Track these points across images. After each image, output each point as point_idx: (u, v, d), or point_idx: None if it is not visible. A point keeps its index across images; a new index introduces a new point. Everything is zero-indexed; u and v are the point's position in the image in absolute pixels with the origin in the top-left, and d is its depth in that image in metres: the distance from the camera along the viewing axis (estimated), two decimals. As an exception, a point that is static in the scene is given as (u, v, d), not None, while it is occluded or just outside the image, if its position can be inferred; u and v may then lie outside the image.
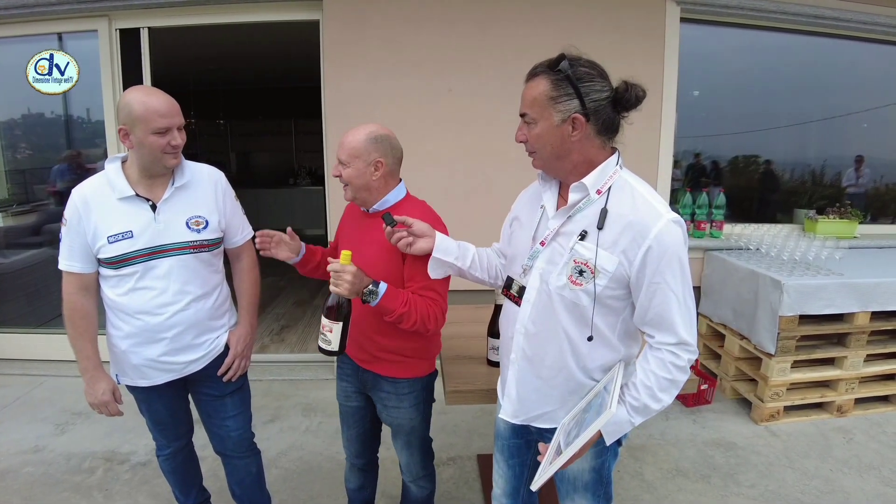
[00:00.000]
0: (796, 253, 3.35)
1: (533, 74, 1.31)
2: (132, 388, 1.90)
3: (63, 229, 1.75)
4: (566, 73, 1.25)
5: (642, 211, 1.26)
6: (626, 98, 1.28)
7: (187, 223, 1.78)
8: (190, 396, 2.04)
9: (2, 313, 4.21)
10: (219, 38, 4.99)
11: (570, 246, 1.33)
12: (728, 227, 4.00)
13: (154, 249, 1.72)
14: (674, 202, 3.95)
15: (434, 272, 1.63)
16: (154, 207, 1.73)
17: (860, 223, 4.07)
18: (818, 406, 3.35)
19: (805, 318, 3.12)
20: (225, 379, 1.94)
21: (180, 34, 3.78)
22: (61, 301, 1.78)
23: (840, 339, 3.31)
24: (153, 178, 1.75)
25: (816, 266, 3.29)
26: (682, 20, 3.63)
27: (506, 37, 3.51)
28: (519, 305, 1.45)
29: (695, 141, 4.16)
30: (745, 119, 4.31)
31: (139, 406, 1.98)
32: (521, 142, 1.37)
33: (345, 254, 1.50)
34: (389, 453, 2.16)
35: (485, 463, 2.81)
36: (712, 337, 3.79)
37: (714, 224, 3.91)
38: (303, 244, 1.92)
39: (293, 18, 3.59)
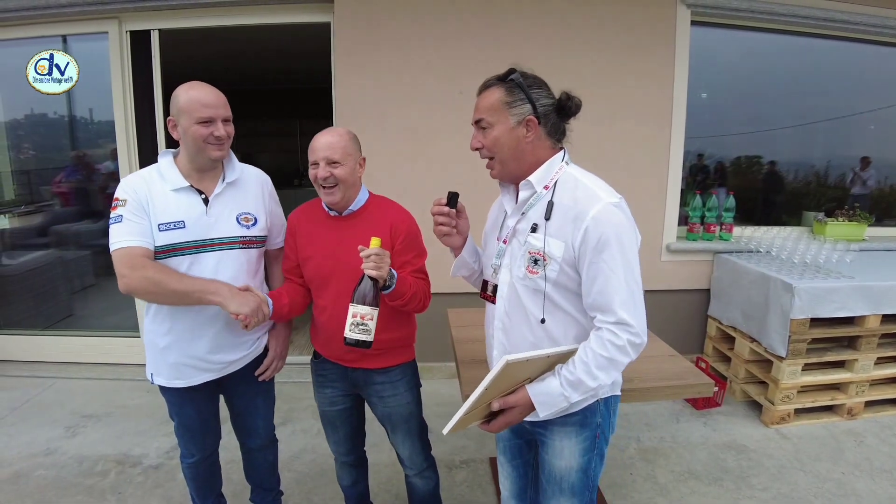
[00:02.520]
0: (807, 256, 3.36)
1: (486, 86, 1.44)
2: (165, 391, 1.92)
3: (121, 209, 1.67)
4: (518, 82, 1.39)
5: (582, 198, 1.35)
6: (568, 106, 1.41)
7: (237, 219, 1.82)
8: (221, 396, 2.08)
9: (9, 315, 4.21)
10: (227, 38, 4.97)
11: (524, 239, 1.43)
12: (738, 230, 4.00)
13: (204, 242, 1.75)
14: (683, 204, 3.95)
15: (456, 271, 1.70)
16: (206, 201, 1.76)
17: (868, 225, 4.08)
18: (828, 409, 3.35)
19: (815, 321, 3.13)
20: (261, 378, 2.00)
21: (188, 34, 3.77)
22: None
23: (850, 342, 3.32)
24: (203, 172, 1.78)
25: (827, 269, 3.30)
26: (693, 23, 3.63)
27: (517, 40, 3.51)
28: (495, 304, 1.53)
29: (703, 142, 4.16)
30: (754, 121, 4.31)
31: (170, 410, 1.99)
32: (476, 149, 1.47)
33: (375, 240, 1.56)
34: (381, 457, 2.18)
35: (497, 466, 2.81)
36: (722, 340, 3.79)
37: (723, 227, 3.91)
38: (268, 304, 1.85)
39: (304, 20, 3.59)
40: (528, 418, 1.45)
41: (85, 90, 3.85)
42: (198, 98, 1.66)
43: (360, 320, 1.53)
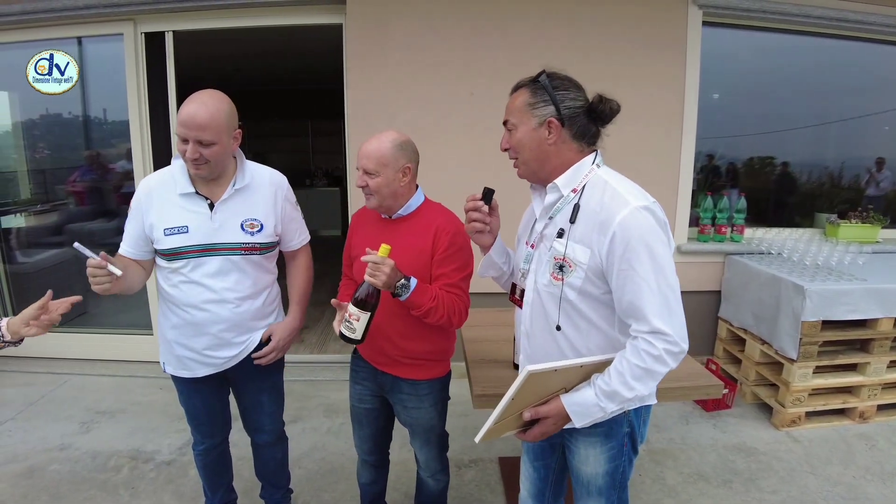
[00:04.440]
0: (818, 258, 3.33)
1: (515, 88, 1.44)
2: (175, 379, 1.98)
3: (128, 217, 1.84)
4: (543, 84, 1.37)
5: (609, 202, 1.30)
6: (601, 109, 1.38)
7: (242, 225, 1.83)
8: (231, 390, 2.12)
9: (25, 312, 4.25)
10: (240, 40, 5.01)
11: (550, 245, 1.40)
12: (749, 232, 3.98)
13: (206, 247, 1.78)
14: (694, 205, 3.94)
15: (484, 270, 1.67)
16: (212, 206, 1.79)
17: (882, 227, 4.04)
18: (840, 412, 3.32)
19: (827, 324, 3.10)
20: (256, 362, 1.96)
21: (202, 36, 3.81)
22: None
23: (863, 345, 3.28)
24: (210, 178, 1.80)
25: (839, 271, 3.27)
26: (704, 24, 3.62)
27: (527, 41, 3.52)
28: (522, 309, 1.53)
29: (715, 143, 4.14)
30: (766, 122, 4.28)
31: (179, 398, 2.05)
32: (504, 149, 1.46)
33: (384, 247, 1.56)
34: (391, 455, 2.21)
35: (506, 466, 2.82)
36: (732, 341, 3.77)
37: (735, 228, 3.89)
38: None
39: (316, 22, 3.62)
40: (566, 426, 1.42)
41: (99, 90, 3.90)
42: (182, 114, 1.66)
43: (348, 318, 1.60)
